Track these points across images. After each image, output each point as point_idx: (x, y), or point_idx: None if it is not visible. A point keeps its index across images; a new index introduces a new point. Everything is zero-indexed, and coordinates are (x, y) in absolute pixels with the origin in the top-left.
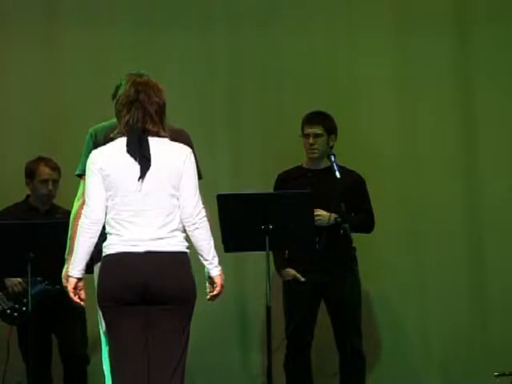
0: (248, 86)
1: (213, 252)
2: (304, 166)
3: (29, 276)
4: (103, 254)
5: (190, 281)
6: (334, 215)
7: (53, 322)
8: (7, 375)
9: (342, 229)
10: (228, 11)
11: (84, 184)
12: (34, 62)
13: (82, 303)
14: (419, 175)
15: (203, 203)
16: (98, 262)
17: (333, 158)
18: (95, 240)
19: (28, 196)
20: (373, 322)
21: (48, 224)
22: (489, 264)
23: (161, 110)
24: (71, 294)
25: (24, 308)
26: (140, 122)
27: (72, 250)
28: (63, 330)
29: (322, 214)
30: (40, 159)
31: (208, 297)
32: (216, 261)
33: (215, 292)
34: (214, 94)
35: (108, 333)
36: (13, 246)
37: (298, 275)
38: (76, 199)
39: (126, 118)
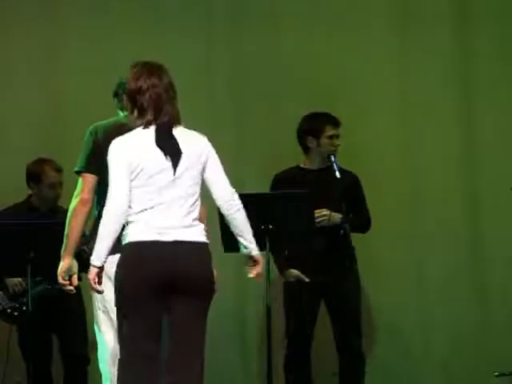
0: (248, 86)
1: (251, 232)
2: (303, 166)
3: (29, 276)
4: (125, 242)
5: (212, 271)
6: (338, 215)
7: (53, 321)
8: (7, 375)
9: (342, 229)
10: (229, 11)
11: (82, 181)
12: (33, 61)
13: (100, 288)
14: (419, 175)
15: (202, 203)
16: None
17: (333, 158)
18: (119, 231)
19: (29, 196)
20: (372, 321)
21: (48, 224)
22: (489, 264)
23: (175, 94)
24: (91, 283)
25: (24, 308)
26: (166, 116)
27: (68, 247)
28: (63, 329)
29: (326, 214)
30: (42, 161)
31: (254, 275)
32: (254, 240)
33: (259, 269)
34: (214, 93)
35: (124, 319)
36: (13, 246)
37: (302, 276)
38: (74, 196)
39: (148, 115)
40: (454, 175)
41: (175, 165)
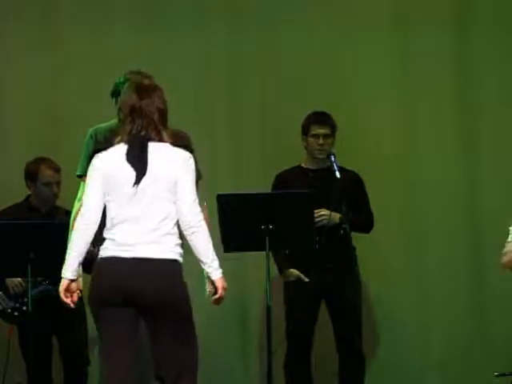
0: (248, 85)
1: (212, 255)
2: (303, 165)
3: (29, 276)
4: (98, 257)
5: (176, 289)
6: (337, 215)
7: (53, 322)
8: (7, 375)
9: (342, 229)
10: (227, 10)
11: (84, 185)
12: (34, 61)
13: (72, 305)
14: (419, 175)
15: (202, 203)
16: None
17: (333, 158)
18: (90, 241)
19: (28, 196)
20: (372, 321)
21: (48, 224)
22: (489, 264)
23: (163, 116)
24: (62, 296)
25: (24, 308)
26: (144, 130)
27: None
28: (64, 330)
29: (326, 214)
30: (40, 160)
31: (211, 300)
32: (216, 264)
33: (217, 295)
34: (213, 93)
35: (98, 329)
36: (13, 246)
37: (302, 276)
38: (76, 200)
39: (129, 127)
40: (454, 175)
41: (138, 180)
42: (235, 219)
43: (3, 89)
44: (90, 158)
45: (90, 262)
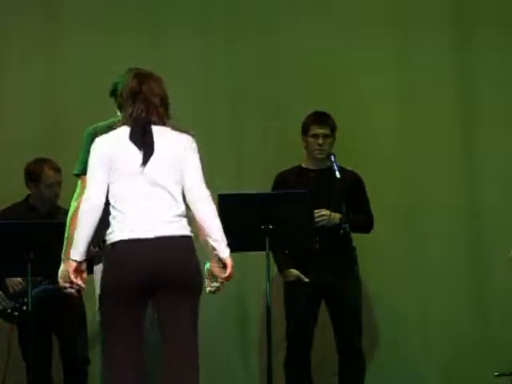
0: (248, 86)
1: (220, 231)
2: (304, 165)
3: (29, 276)
4: (108, 242)
5: (197, 264)
6: (337, 215)
7: (53, 322)
8: (7, 375)
9: (342, 229)
10: (228, 11)
11: (82, 183)
12: (34, 61)
13: (82, 285)
14: (419, 175)
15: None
16: (98, 264)
17: (333, 158)
18: (95, 224)
19: (28, 196)
20: (373, 321)
21: (48, 224)
22: (489, 264)
23: (164, 101)
24: (72, 276)
25: (24, 307)
26: (144, 112)
27: (68, 250)
28: (64, 330)
29: (326, 214)
30: (41, 161)
31: (215, 285)
32: (225, 242)
33: (227, 274)
34: (214, 94)
35: (104, 321)
36: (13, 246)
37: (302, 276)
38: (73, 199)
39: (130, 110)
40: (454, 175)
41: (145, 160)
42: (235, 219)
43: (3, 89)
44: (88, 157)
45: (88, 261)
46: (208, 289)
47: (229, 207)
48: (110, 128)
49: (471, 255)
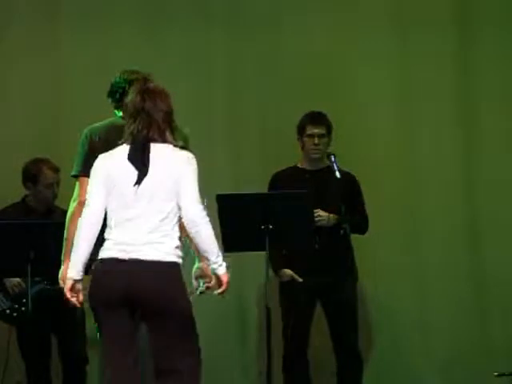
0: (248, 86)
1: (217, 252)
2: (299, 166)
3: (28, 276)
4: (98, 257)
5: (177, 290)
6: (334, 216)
7: (52, 322)
8: (7, 375)
9: (342, 229)
10: (228, 11)
11: (80, 185)
12: (34, 62)
13: (78, 305)
14: (419, 175)
15: (202, 201)
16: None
17: (333, 159)
18: (93, 241)
19: (25, 197)
20: (371, 322)
21: (48, 224)
22: (488, 264)
23: (168, 117)
24: (68, 295)
25: (23, 308)
26: (145, 130)
27: (68, 251)
28: (63, 330)
29: (322, 215)
30: (40, 161)
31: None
32: (221, 259)
33: (222, 290)
34: (213, 93)
35: (99, 330)
36: (13, 246)
37: (296, 276)
38: (72, 200)
39: (132, 128)
40: (452, 175)
41: (139, 180)
42: (235, 219)
43: (3, 89)
44: (85, 157)
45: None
46: (199, 289)
47: (228, 207)
48: (105, 128)
49: (471, 255)
